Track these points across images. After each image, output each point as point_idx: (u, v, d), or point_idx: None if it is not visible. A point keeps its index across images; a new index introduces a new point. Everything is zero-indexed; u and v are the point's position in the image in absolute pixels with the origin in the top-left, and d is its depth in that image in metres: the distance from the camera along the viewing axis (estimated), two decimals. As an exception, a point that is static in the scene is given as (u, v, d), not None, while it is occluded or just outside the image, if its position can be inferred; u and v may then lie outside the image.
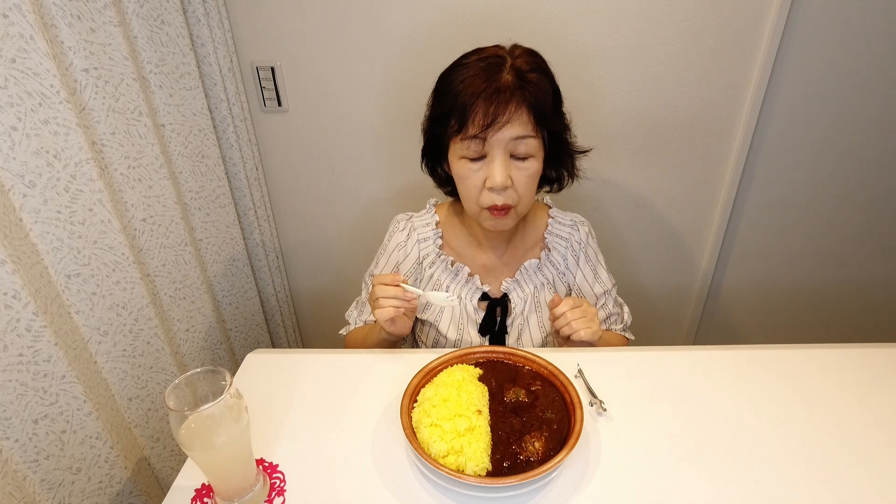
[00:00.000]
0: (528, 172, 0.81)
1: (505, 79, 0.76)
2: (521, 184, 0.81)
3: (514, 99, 0.76)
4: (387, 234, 1.00)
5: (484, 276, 0.96)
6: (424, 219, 0.98)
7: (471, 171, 0.81)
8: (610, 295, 1.00)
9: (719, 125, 1.26)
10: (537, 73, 0.78)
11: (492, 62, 0.78)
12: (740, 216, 1.39)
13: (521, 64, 0.78)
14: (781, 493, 0.63)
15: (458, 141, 0.80)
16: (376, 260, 1.00)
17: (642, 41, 1.16)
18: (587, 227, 0.99)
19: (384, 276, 0.82)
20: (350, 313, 1.03)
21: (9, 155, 0.71)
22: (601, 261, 1.00)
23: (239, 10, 1.17)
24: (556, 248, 0.96)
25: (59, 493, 0.80)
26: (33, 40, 0.71)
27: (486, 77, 0.77)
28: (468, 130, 0.77)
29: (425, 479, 0.65)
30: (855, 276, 1.48)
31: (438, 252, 0.95)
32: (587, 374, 0.79)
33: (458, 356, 0.77)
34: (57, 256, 0.79)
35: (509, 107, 0.75)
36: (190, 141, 1.09)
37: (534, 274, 0.96)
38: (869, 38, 1.14)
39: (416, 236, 0.96)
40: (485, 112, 0.76)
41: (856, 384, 0.78)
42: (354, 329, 1.01)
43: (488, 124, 0.76)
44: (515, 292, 0.95)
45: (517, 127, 0.77)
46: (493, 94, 0.75)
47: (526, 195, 0.83)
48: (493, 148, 0.78)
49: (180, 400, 0.58)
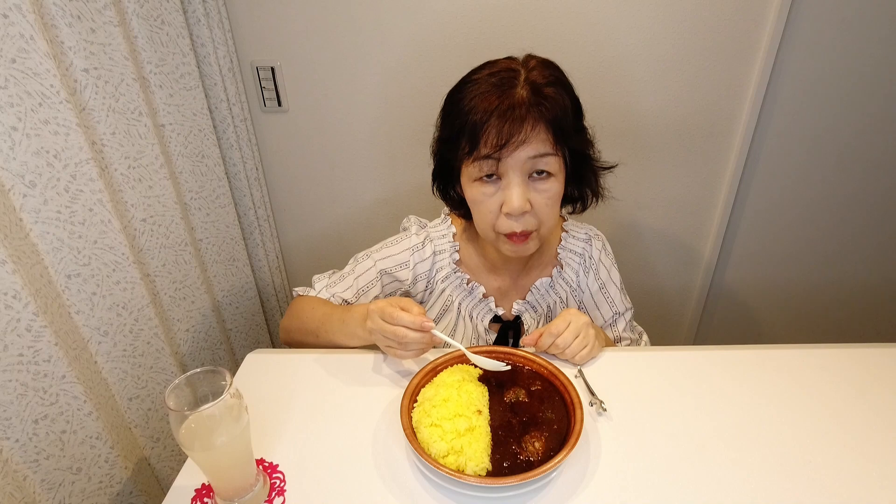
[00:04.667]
0: (549, 194, 0.74)
1: (519, 94, 0.70)
2: (542, 207, 0.75)
3: (531, 116, 0.70)
4: (400, 231, 0.94)
5: (498, 299, 0.91)
6: (440, 229, 0.92)
7: (485, 195, 0.75)
8: (622, 317, 0.94)
9: (719, 125, 1.25)
10: (555, 86, 0.72)
11: (504, 76, 0.72)
12: (740, 216, 1.39)
13: (536, 77, 0.72)
14: (781, 493, 0.63)
15: (470, 163, 0.74)
16: (380, 248, 0.92)
17: (642, 41, 1.16)
18: (601, 241, 0.93)
19: (406, 318, 0.70)
20: (319, 279, 0.93)
21: (9, 155, 0.71)
22: (614, 280, 0.93)
23: (239, 10, 1.17)
24: (570, 263, 0.91)
25: (59, 493, 0.80)
26: (33, 40, 0.71)
27: (499, 93, 0.70)
28: (480, 151, 0.71)
29: (425, 479, 0.65)
30: (855, 276, 1.48)
31: (455, 268, 0.90)
32: (587, 374, 0.79)
33: (458, 356, 0.77)
34: (57, 256, 0.79)
35: (525, 125, 0.69)
36: (190, 141, 1.09)
37: (546, 293, 0.91)
38: (869, 38, 1.14)
39: (433, 247, 0.90)
40: (498, 131, 0.69)
41: (856, 384, 0.78)
42: (315, 298, 0.90)
43: (502, 144, 0.70)
44: (528, 314, 0.91)
45: (535, 145, 0.71)
46: (507, 111, 0.69)
47: (548, 219, 0.77)
48: (508, 170, 0.72)
49: (180, 400, 0.58)
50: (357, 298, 0.90)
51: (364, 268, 0.91)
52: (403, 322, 0.70)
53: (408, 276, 0.91)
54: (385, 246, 0.92)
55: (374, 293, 0.91)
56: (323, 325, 0.84)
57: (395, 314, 0.71)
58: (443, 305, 0.92)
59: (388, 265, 0.91)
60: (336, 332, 0.82)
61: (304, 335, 0.88)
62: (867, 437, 0.69)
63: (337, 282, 0.92)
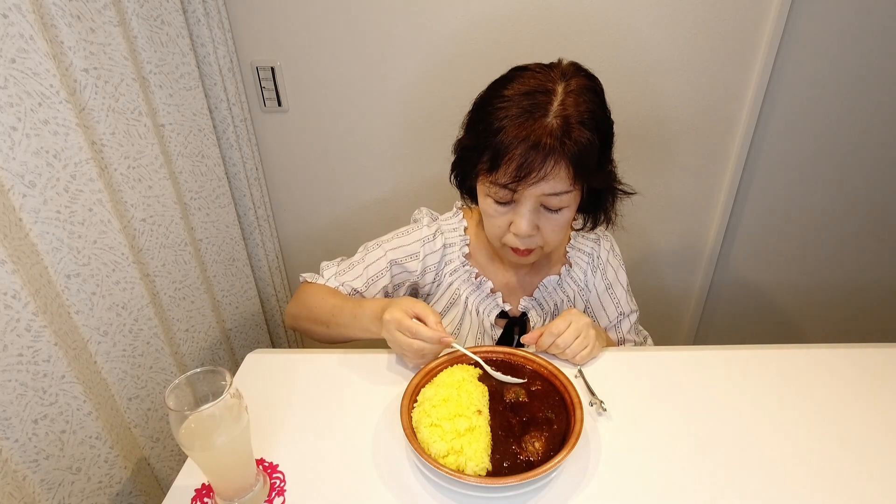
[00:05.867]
0: (558, 223, 0.77)
1: (549, 126, 0.68)
2: (549, 232, 0.78)
3: (554, 154, 0.69)
4: (411, 222, 0.94)
5: (505, 294, 0.92)
6: (451, 223, 0.92)
7: (497, 212, 0.77)
8: (627, 319, 0.95)
9: (719, 125, 1.25)
10: (586, 125, 0.70)
11: (538, 101, 0.69)
12: (740, 216, 1.39)
13: (570, 109, 0.69)
14: (781, 494, 0.63)
15: (487, 180, 0.75)
16: (391, 238, 0.92)
17: (642, 41, 1.16)
18: (610, 242, 0.94)
19: (425, 333, 0.71)
20: (328, 266, 0.93)
21: (9, 155, 0.71)
22: (621, 281, 0.94)
23: (239, 10, 1.17)
24: (578, 262, 0.92)
25: (59, 493, 0.80)
26: (33, 40, 0.71)
27: (530, 121, 0.69)
28: (499, 177, 0.72)
29: (425, 479, 0.65)
30: (855, 276, 1.48)
31: (463, 261, 0.91)
32: (587, 374, 0.79)
33: (458, 356, 0.77)
34: (57, 256, 0.79)
35: (547, 162, 0.69)
36: (190, 141, 1.09)
37: (553, 291, 0.92)
38: (869, 38, 1.14)
39: (444, 239, 0.91)
40: (519, 164, 0.69)
41: (856, 384, 0.78)
42: (325, 287, 0.89)
43: (521, 177, 0.70)
44: (535, 311, 0.92)
45: (552, 184, 0.71)
46: (532, 146, 0.68)
47: (553, 240, 0.79)
48: (522, 197, 0.74)
49: (180, 400, 0.58)
50: (367, 288, 0.90)
51: (374, 257, 0.91)
52: (422, 336, 0.71)
53: (417, 268, 0.91)
54: (396, 236, 0.92)
55: (384, 283, 0.91)
56: (334, 316, 0.83)
57: (414, 328, 0.71)
58: (450, 298, 0.92)
59: (398, 255, 0.91)
60: (347, 326, 0.82)
61: (312, 323, 0.87)
62: (867, 437, 0.69)
63: (346, 270, 0.91)
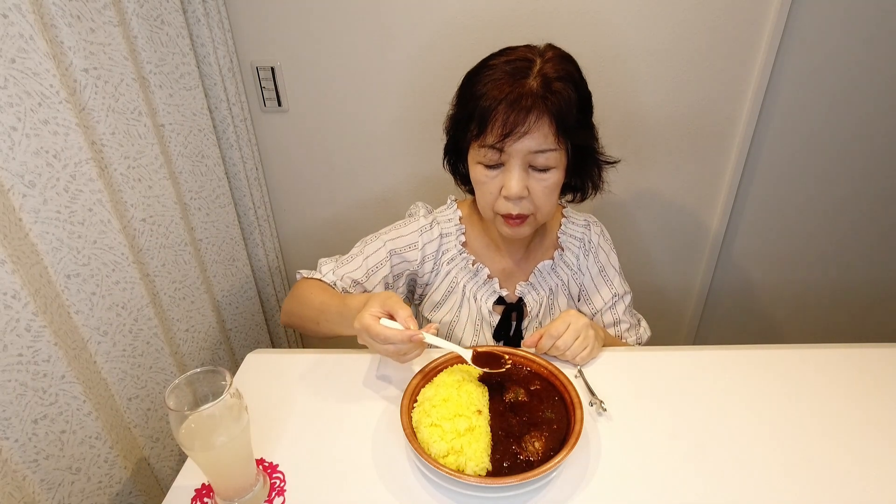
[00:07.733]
0: (547, 184, 0.78)
1: (529, 85, 0.73)
2: (539, 194, 0.78)
3: (536, 109, 0.72)
4: (407, 216, 0.96)
5: (502, 280, 0.94)
6: (446, 214, 0.95)
7: (487, 177, 0.79)
8: (622, 300, 0.97)
9: (719, 125, 1.25)
10: (565, 80, 0.74)
11: (518, 66, 0.74)
12: (740, 216, 1.39)
13: (549, 70, 0.74)
14: (781, 494, 0.63)
15: (477, 147, 0.78)
16: (389, 230, 0.93)
17: (642, 41, 1.16)
18: (599, 227, 0.97)
19: (394, 336, 0.68)
20: (326, 262, 0.92)
21: (8, 155, 0.71)
22: (613, 263, 0.97)
23: (239, 10, 1.17)
24: (570, 247, 0.94)
25: (59, 493, 0.80)
26: (33, 40, 0.71)
27: (511, 82, 0.73)
28: (486, 138, 0.75)
29: (425, 479, 0.65)
30: (855, 276, 1.48)
31: (460, 249, 0.93)
32: (587, 374, 0.79)
33: (458, 356, 0.77)
34: (56, 256, 0.79)
35: (529, 116, 0.72)
36: (190, 141, 1.09)
37: (548, 276, 0.94)
38: (869, 38, 1.14)
39: (440, 229, 0.93)
40: (504, 121, 0.72)
41: (855, 384, 0.78)
42: (316, 283, 0.88)
43: (506, 134, 0.73)
44: (530, 296, 0.93)
45: (537, 139, 0.73)
46: (515, 101, 0.72)
47: (544, 205, 0.80)
48: (510, 157, 0.76)
49: (180, 400, 0.58)
50: (367, 278, 0.91)
51: (373, 248, 0.92)
52: (392, 340, 0.68)
53: (416, 257, 0.92)
54: (394, 228, 0.94)
55: (383, 273, 0.91)
56: (322, 313, 0.83)
57: (383, 334, 0.68)
58: (448, 286, 0.94)
59: (397, 245, 0.92)
60: (335, 323, 0.81)
61: (303, 321, 0.88)
62: (867, 437, 0.69)
63: (345, 263, 0.91)
